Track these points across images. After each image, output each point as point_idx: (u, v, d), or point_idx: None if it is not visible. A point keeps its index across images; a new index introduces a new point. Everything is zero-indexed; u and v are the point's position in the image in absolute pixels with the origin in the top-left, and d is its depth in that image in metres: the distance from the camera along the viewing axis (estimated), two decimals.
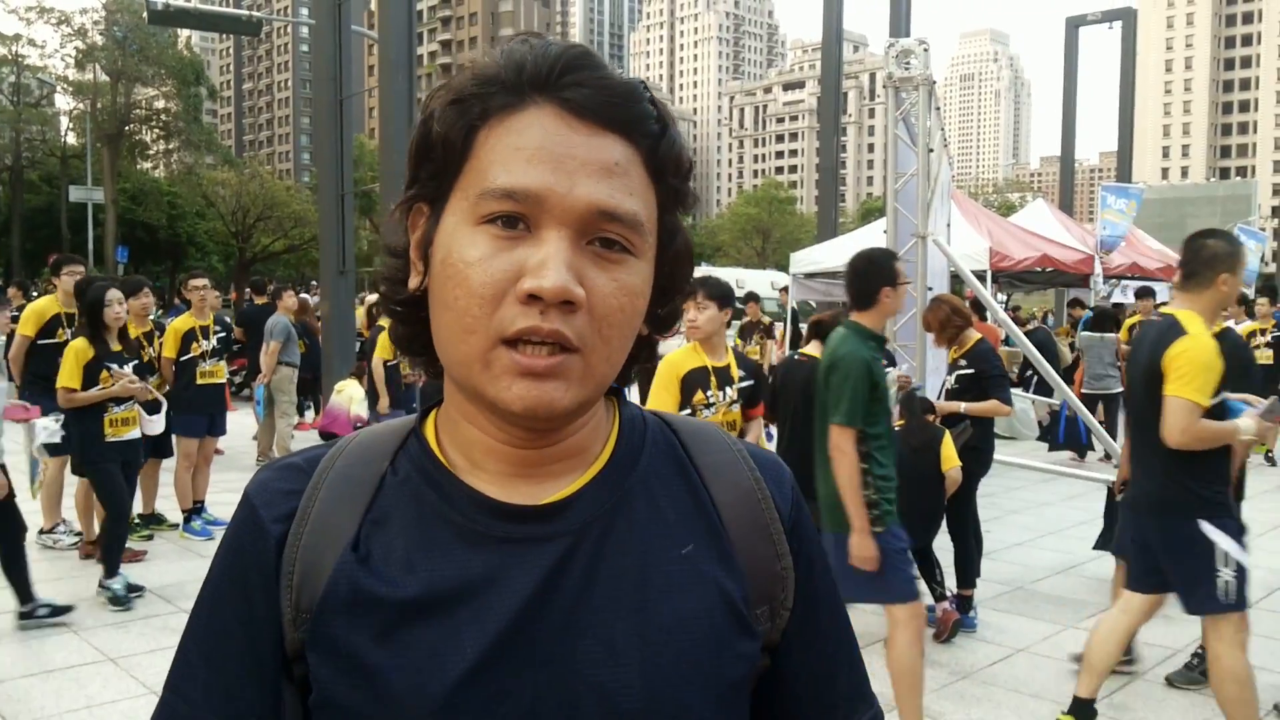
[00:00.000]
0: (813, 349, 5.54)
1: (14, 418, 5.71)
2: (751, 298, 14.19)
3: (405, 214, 0.83)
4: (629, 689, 0.78)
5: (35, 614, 5.35)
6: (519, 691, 0.76)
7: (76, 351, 5.67)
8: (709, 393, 4.51)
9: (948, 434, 5.39)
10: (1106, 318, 11.62)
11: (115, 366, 5.78)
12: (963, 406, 5.62)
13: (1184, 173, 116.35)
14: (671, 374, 4.49)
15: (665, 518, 0.84)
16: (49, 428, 5.91)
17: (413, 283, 0.82)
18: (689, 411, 4.41)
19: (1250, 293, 13.76)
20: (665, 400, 4.46)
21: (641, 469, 0.85)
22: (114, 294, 5.92)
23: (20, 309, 12.40)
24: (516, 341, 0.73)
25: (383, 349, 7.95)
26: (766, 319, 13.68)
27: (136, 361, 6.00)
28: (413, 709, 0.76)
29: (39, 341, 6.99)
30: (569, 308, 0.73)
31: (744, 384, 4.70)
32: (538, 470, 0.82)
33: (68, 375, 5.62)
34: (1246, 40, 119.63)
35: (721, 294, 4.58)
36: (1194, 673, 4.71)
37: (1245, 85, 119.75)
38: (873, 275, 4.00)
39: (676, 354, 4.62)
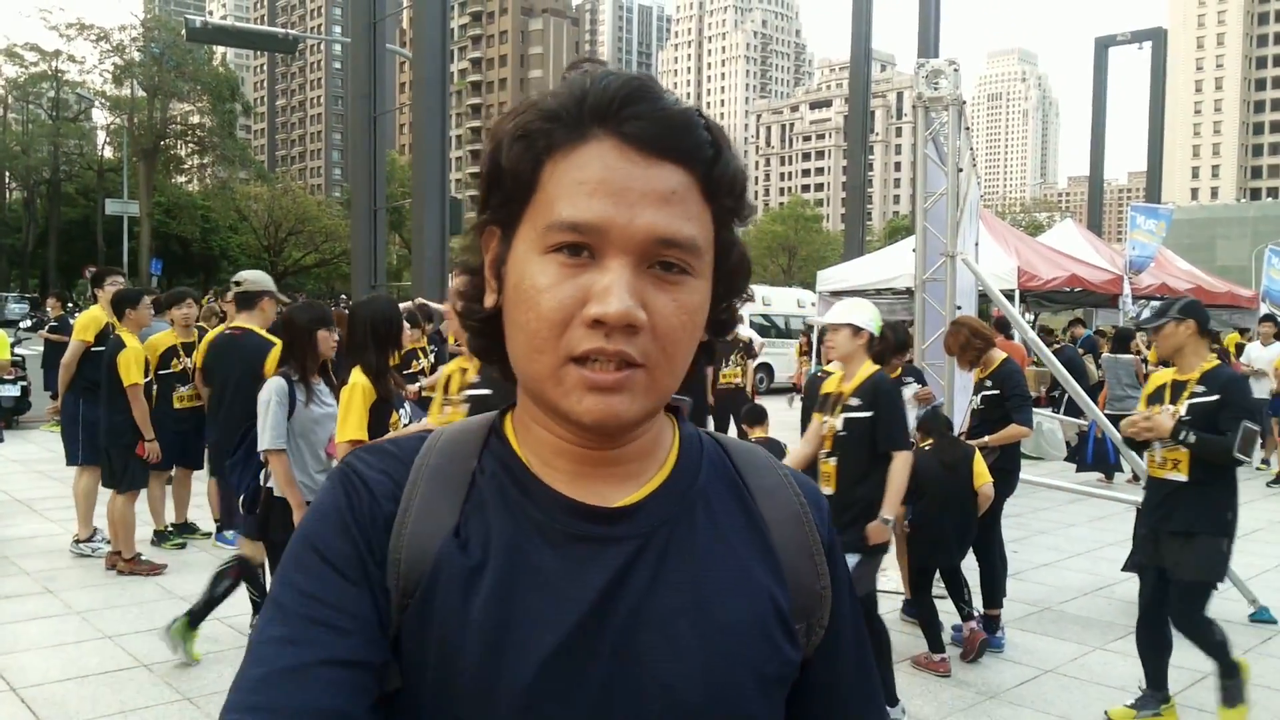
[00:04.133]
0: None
1: None
2: None
3: (479, 235, 0.89)
4: (690, 683, 0.82)
5: None
6: (590, 681, 0.80)
7: (364, 391, 4.16)
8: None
9: (978, 450, 5.41)
10: (1124, 338, 11.61)
11: (404, 411, 4.43)
12: (985, 439, 5.64)
13: (1214, 193, 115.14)
14: None
15: (722, 529, 0.89)
16: None
17: (489, 301, 0.88)
18: None
19: (1277, 313, 13.63)
20: None
21: (701, 483, 0.91)
22: (406, 305, 4.43)
23: (59, 320, 12.65)
24: (585, 359, 0.78)
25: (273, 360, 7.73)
26: (747, 336, 12.11)
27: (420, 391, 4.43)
28: (492, 696, 0.80)
29: (93, 349, 7.22)
30: (632, 330, 0.78)
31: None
32: (604, 471, 0.87)
33: (354, 424, 4.13)
34: (1278, 61, 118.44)
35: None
36: None
37: (1276, 106, 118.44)
38: None
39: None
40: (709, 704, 0.83)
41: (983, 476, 5.30)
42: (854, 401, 4.47)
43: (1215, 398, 4.27)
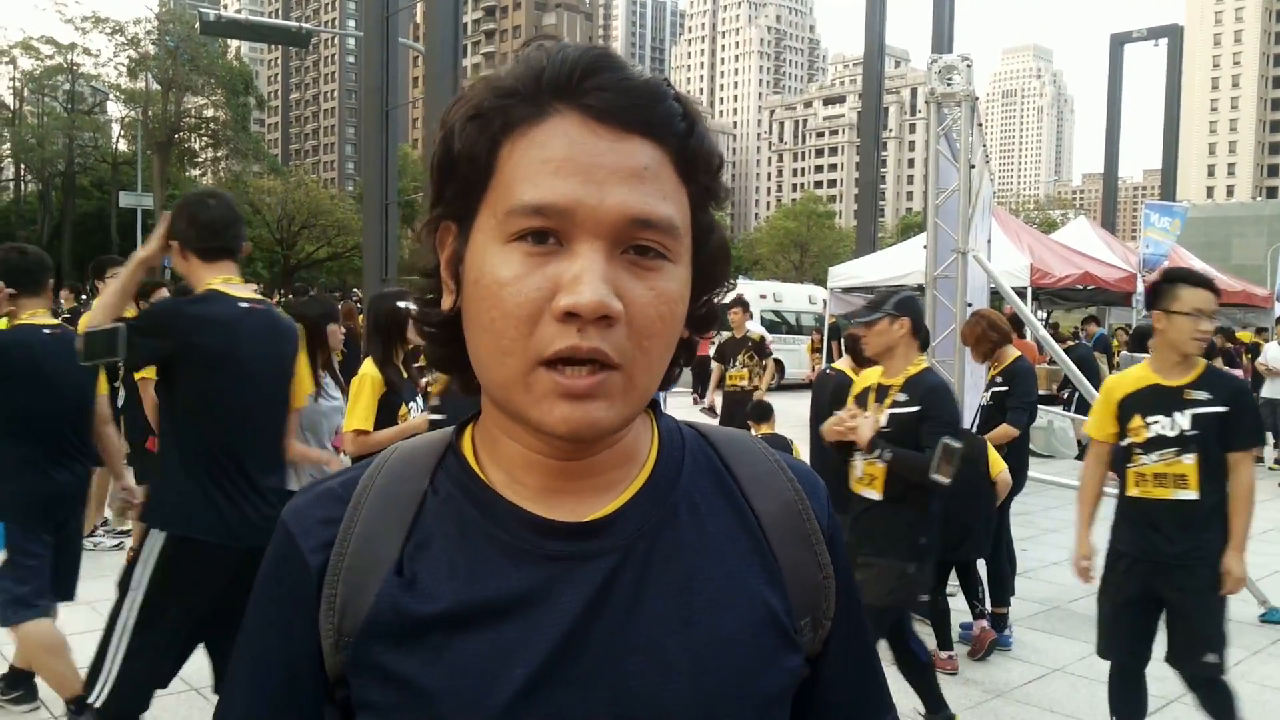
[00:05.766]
0: (844, 364, 5.56)
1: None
2: (738, 304, 9.58)
3: (432, 233, 0.81)
4: (681, 704, 0.77)
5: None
6: (571, 709, 0.75)
7: (373, 382, 4.22)
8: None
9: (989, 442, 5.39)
10: (1142, 337, 11.58)
11: (415, 404, 4.41)
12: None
13: (1229, 191, 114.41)
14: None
15: (708, 532, 0.83)
16: None
17: (445, 303, 0.80)
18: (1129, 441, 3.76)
19: None
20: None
21: (684, 483, 0.84)
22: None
23: (73, 311, 12.71)
24: (556, 362, 0.71)
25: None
26: (758, 334, 9.87)
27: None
28: None
29: None
30: (607, 322, 0.70)
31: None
32: (580, 484, 0.80)
33: (361, 414, 4.19)
34: None
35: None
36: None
37: None
38: None
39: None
40: None
41: (998, 464, 5.29)
42: None
43: (915, 409, 3.88)
